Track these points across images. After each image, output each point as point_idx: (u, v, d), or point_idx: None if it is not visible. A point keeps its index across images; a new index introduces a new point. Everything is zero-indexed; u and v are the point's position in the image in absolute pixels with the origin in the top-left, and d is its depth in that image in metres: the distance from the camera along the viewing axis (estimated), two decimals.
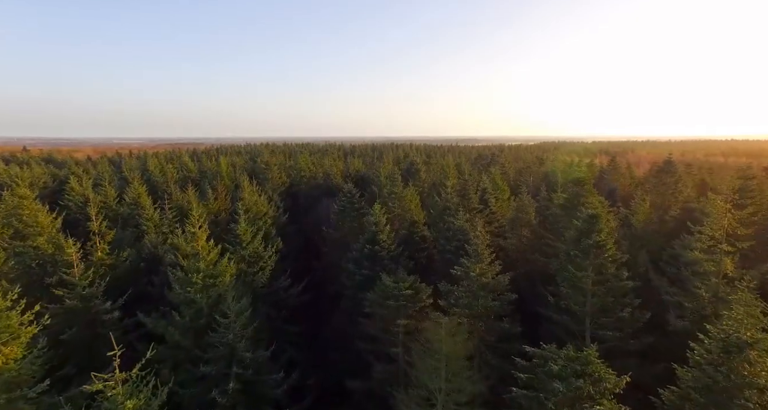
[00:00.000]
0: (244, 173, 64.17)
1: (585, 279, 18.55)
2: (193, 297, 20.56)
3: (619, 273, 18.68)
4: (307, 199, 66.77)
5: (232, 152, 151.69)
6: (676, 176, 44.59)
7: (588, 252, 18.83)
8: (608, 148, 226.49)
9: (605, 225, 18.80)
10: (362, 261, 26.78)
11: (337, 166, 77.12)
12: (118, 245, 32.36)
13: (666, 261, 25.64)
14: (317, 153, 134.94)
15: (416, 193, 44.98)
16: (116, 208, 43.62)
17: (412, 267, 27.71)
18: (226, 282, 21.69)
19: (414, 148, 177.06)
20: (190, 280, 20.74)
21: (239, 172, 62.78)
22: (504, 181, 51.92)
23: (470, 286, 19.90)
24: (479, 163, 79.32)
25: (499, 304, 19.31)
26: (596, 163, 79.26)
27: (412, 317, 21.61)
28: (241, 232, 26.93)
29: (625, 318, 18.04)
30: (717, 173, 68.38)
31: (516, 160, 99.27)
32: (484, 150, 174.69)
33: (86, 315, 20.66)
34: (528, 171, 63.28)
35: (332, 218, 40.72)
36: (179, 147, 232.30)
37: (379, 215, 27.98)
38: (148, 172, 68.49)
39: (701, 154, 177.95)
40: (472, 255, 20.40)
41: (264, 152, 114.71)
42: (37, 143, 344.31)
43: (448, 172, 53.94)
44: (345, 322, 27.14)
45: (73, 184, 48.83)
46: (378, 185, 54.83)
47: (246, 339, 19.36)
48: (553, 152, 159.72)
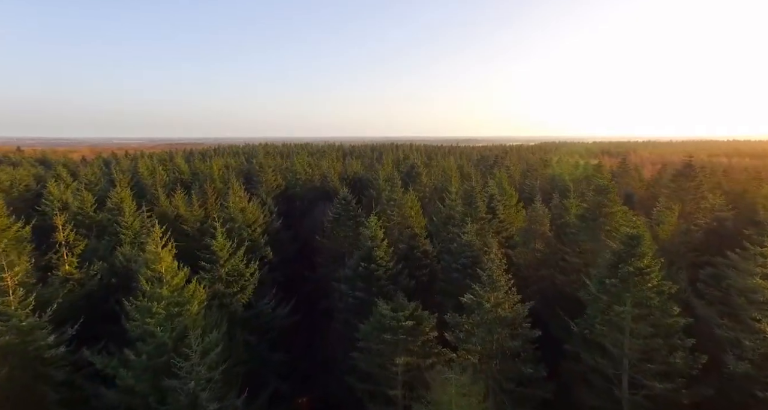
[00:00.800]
0: (235, 176, 60.71)
1: (624, 314, 15.04)
2: (153, 329, 17.06)
3: (667, 307, 15.13)
4: (304, 203, 63.37)
5: (230, 153, 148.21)
6: (696, 180, 40.97)
7: (628, 281, 15.32)
8: (609, 148, 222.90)
9: (649, 248, 15.32)
10: (356, 280, 23.26)
11: (335, 167, 73.61)
12: (91, 257, 28.89)
13: (704, 281, 22.08)
14: (316, 153, 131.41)
15: (417, 199, 41.45)
16: (94, 215, 40.01)
17: (413, 288, 24.20)
18: (193, 312, 18.16)
19: (414, 148, 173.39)
20: (150, 310, 17.25)
21: (231, 175, 59.36)
22: (511, 185, 48.36)
23: (483, 319, 16.39)
24: (482, 164, 75.58)
25: (520, 344, 15.79)
26: (605, 164, 75.61)
27: (413, 353, 18.11)
28: (217, 248, 23.39)
29: (677, 364, 14.51)
30: (731, 175, 64.75)
31: (519, 161, 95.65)
32: (485, 151, 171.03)
33: (24, 351, 17.16)
34: (534, 174, 59.68)
35: (326, 226, 37.28)
36: (178, 147, 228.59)
37: (376, 228, 24.47)
38: (138, 174, 65.00)
39: (704, 155, 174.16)
40: (486, 282, 16.88)
41: (260, 153, 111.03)
42: (37, 143, 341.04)
43: (451, 175, 50.36)
44: (336, 350, 23.67)
45: (51, 188, 45.37)
46: (376, 189, 51.32)
47: (213, 384, 15.89)
48: (557, 153, 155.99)
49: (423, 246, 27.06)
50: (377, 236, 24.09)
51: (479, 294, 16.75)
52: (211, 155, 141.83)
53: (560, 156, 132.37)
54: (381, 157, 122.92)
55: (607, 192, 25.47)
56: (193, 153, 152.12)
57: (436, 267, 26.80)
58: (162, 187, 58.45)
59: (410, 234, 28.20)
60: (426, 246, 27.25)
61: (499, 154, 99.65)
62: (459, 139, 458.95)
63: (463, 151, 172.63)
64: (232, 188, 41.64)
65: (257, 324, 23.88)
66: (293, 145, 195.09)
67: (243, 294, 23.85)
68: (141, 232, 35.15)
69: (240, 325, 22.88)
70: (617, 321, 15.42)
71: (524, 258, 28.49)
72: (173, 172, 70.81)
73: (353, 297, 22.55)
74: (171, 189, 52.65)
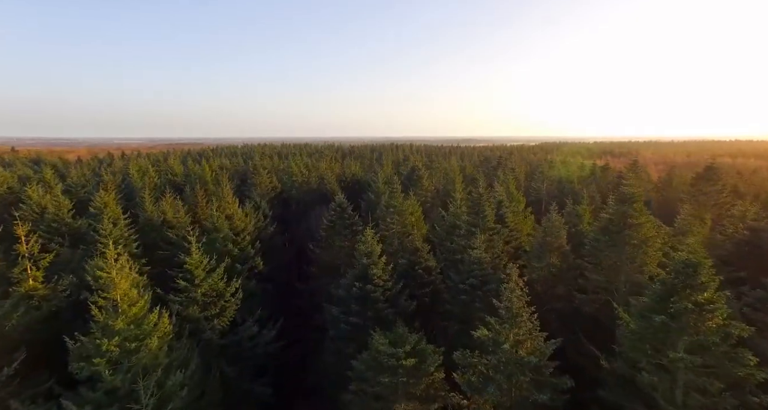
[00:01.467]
0: (229, 178, 57.57)
1: (678, 362, 11.95)
2: (102, 371, 14.03)
3: (736, 353, 11.97)
4: (300, 206, 60.35)
5: (228, 153, 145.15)
6: (719, 184, 37.88)
7: (682, 319, 12.25)
8: (611, 148, 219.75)
9: (711, 279, 12.22)
10: (350, 303, 20.18)
11: (333, 169, 70.56)
12: (62, 269, 25.93)
13: (752, 305, 18.99)
14: (314, 154, 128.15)
15: (418, 204, 38.36)
16: (72, 221, 36.91)
17: (414, 310, 21.12)
18: (153, 347, 15.08)
19: (414, 149, 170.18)
20: (99, 347, 14.21)
21: (224, 178, 56.48)
22: (518, 189, 45.22)
23: (501, 362, 13.33)
24: (485, 166, 72.34)
25: (548, 397, 12.69)
26: (611, 166, 72.41)
27: (415, 397, 15.06)
28: (192, 266, 20.31)
29: None
30: (746, 178, 61.56)
31: (522, 162, 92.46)
32: (486, 151, 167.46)
33: None
34: (539, 176, 56.51)
35: (321, 234, 34.25)
36: (177, 147, 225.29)
37: (373, 243, 21.40)
38: (129, 176, 61.87)
39: (708, 156, 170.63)
40: (504, 316, 13.83)
41: (256, 154, 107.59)
42: (38, 143, 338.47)
43: (454, 178, 47.19)
44: (327, 380, 20.65)
45: (29, 192, 42.33)
46: (375, 192, 48.22)
47: None
48: (559, 153, 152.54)
49: (425, 261, 23.98)
50: (374, 252, 21.01)
51: (496, 329, 13.70)
52: (209, 156, 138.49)
53: (564, 156, 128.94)
54: (381, 157, 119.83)
55: (633, 200, 22.36)
56: (191, 153, 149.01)
57: (440, 286, 23.74)
58: (152, 189, 55.49)
59: (411, 249, 25.10)
60: (429, 262, 24.17)
61: (502, 154, 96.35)
62: (459, 139, 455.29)
63: (464, 151, 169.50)
64: (222, 192, 38.61)
65: (238, 352, 20.84)
66: (291, 146, 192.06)
67: (222, 317, 20.80)
68: (119, 242, 32.19)
69: (217, 355, 19.87)
70: (668, 367, 12.36)
71: (537, 274, 25.41)
72: (166, 174, 67.74)
73: (346, 322, 19.48)
74: (161, 192, 49.61)
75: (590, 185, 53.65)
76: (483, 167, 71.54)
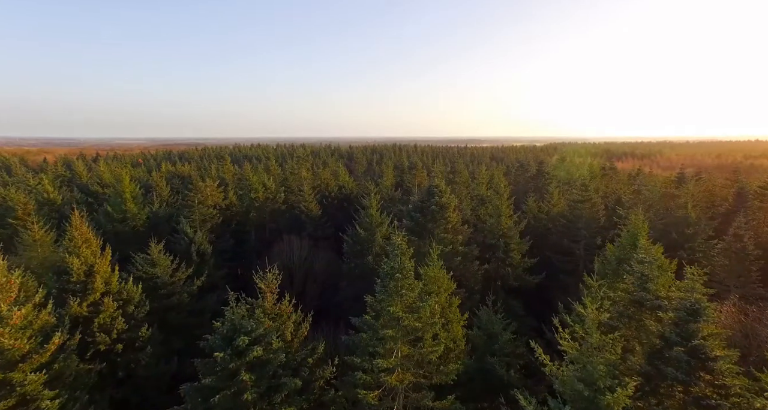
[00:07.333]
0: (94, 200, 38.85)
1: None
2: None
3: None
4: (259, 234, 41.36)
5: (213, 156, 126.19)
6: None
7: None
8: (632, 150, 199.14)
9: None
10: None
11: (322, 177, 51.79)
12: None
13: None
14: (308, 156, 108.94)
15: (442, 262, 19.19)
16: None
17: None
18: None
19: (419, 150, 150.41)
20: None
21: (137, 189, 37.85)
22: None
23: None
24: (522, 175, 52.08)
25: None
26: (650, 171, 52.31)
27: None
28: None
29: None
30: None
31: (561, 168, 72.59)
32: (499, 153, 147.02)
33: None
34: (628, 201, 35.33)
35: None
36: (175, 147, 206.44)
37: None
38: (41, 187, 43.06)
39: (740, 157, 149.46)
40: None
41: (219, 157, 71.67)
42: (37, 143, 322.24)
43: (501, 208, 26.53)
44: None
45: None
46: (366, 225, 29.47)
47: None
48: (576, 154, 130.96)
49: None
50: None
51: None
52: (192, 157, 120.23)
53: (583, 158, 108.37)
54: (381, 159, 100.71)
55: None
56: (172, 154, 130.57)
57: None
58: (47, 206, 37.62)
59: None
60: None
61: (534, 157, 75.57)
62: (462, 140, 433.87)
63: (473, 152, 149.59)
64: (73, 221, 19.83)
65: None
66: (284, 147, 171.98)
67: None
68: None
69: None
70: None
71: None
72: (94, 184, 48.55)
73: None
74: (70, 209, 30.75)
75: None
76: (520, 177, 51.79)
